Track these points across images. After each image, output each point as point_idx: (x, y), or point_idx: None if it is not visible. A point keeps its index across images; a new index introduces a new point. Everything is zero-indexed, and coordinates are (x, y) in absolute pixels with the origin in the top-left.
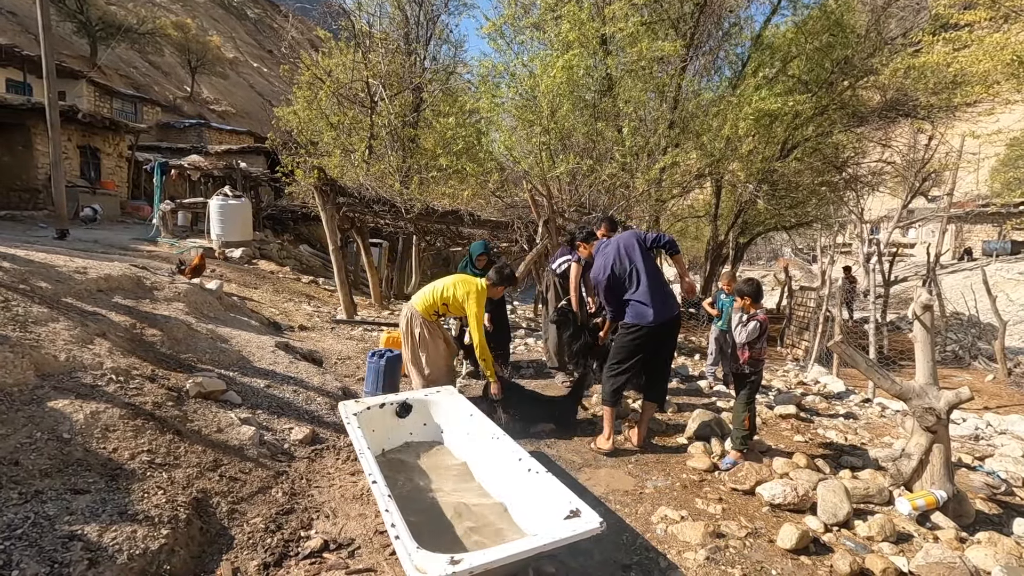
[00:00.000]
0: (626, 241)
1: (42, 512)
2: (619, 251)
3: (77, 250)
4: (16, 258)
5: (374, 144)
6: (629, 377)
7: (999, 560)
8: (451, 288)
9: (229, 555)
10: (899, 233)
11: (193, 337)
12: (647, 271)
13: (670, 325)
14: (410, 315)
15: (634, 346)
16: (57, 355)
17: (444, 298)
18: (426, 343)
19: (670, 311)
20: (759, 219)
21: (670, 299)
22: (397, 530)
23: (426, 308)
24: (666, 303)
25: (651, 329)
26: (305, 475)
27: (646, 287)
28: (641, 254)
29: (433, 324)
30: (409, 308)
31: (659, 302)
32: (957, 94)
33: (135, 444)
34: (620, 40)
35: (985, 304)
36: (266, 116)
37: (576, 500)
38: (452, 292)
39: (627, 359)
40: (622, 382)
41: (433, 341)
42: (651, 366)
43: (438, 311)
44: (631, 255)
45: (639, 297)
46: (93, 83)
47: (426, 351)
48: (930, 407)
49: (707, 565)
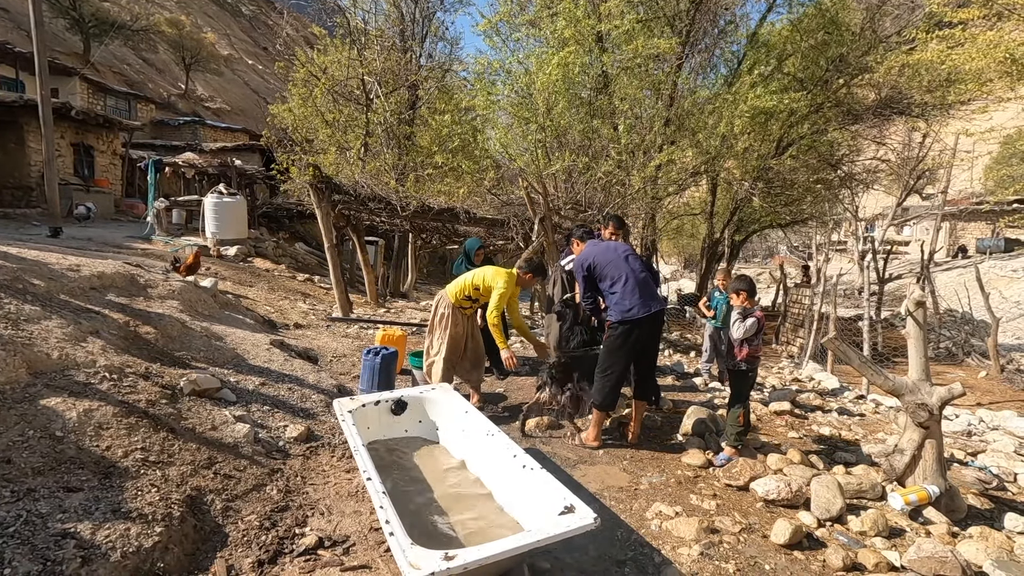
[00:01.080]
0: (619, 244)
1: (35, 510)
2: (608, 247)
3: (71, 248)
4: (8, 255)
5: (370, 141)
6: (620, 379)
7: (990, 554)
8: (483, 273)
9: (223, 553)
10: (893, 231)
11: (187, 335)
12: (632, 268)
13: (654, 321)
14: (440, 297)
15: (621, 344)
16: (50, 353)
17: (475, 283)
18: (444, 325)
19: (654, 307)
20: (755, 217)
21: (655, 297)
22: (392, 526)
23: (456, 293)
24: (650, 299)
25: (636, 325)
26: (300, 472)
27: (632, 284)
28: (631, 255)
29: (459, 313)
30: (441, 293)
31: (643, 298)
32: (951, 92)
33: (128, 442)
34: (616, 37)
35: (978, 301)
36: (261, 113)
37: (571, 496)
38: (483, 276)
39: (617, 360)
40: (612, 384)
41: (453, 327)
42: (639, 365)
43: (469, 295)
44: (619, 252)
45: (623, 294)
46: (87, 80)
47: (436, 332)
48: (923, 403)
49: (701, 560)
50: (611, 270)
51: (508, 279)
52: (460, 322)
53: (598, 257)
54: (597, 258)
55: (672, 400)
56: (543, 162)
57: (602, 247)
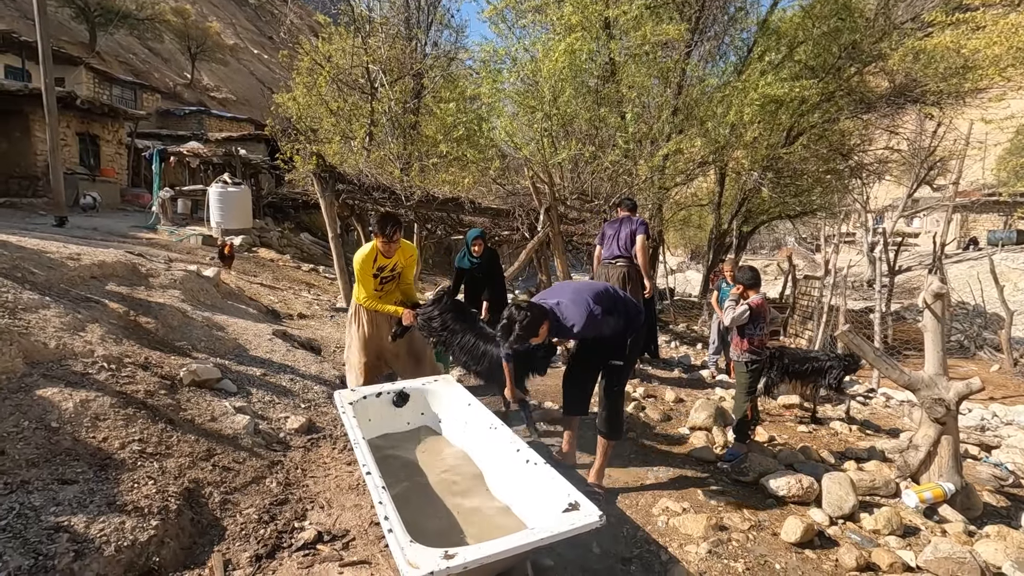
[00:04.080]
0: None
1: (28, 503)
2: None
3: (76, 237)
4: (7, 244)
5: (374, 131)
6: (574, 393)
7: (1009, 554)
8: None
9: (221, 546)
10: (903, 222)
11: (188, 325)
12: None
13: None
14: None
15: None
16: (47, 342)
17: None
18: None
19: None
20: (763, 207)
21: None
22: (391, 523)
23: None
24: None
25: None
26: (300, 465)
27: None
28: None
29: (362, 311)
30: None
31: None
32: (967, 79)
33: (126, 433)
34: (624, 24)
35: (991, 293)
36: (266, 103)
37: (575, 492)
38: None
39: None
40: (569, 395)
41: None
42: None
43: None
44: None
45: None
46: (92, 69)
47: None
48: (939, 398)
49: (709, 559)
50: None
51: (363, 252)
52: (372, 319)
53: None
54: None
55: (679, 395)
56: (549, 151)
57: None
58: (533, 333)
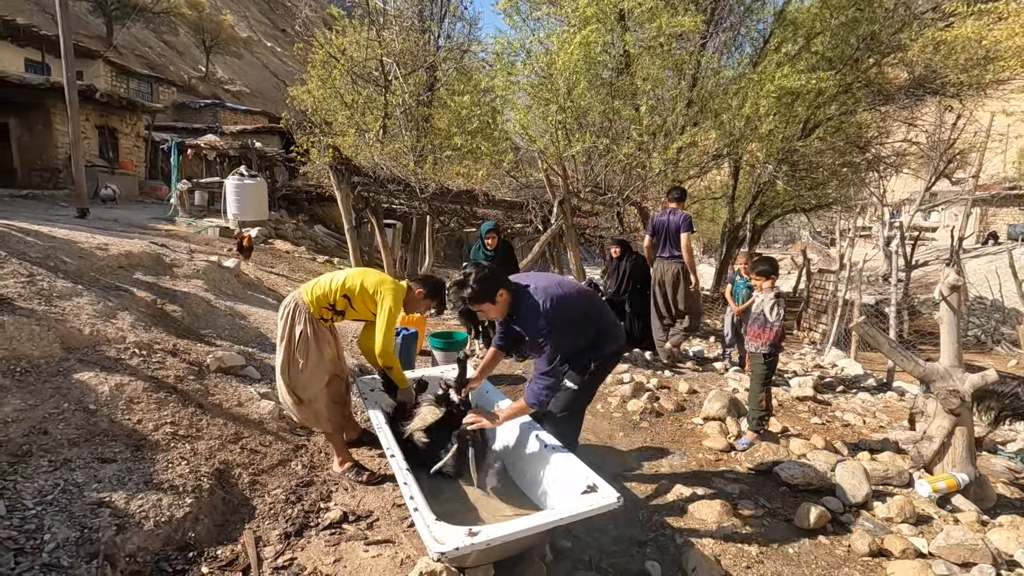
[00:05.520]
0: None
1: (71, 479)
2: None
3: (98, 229)
4: (40, 235)
5: (388, 123)
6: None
7: (1022, 543)
8: (357, 278)
9: (251, 524)
10: (920, 217)
11: (212, 313)
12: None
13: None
14: (292, 307)
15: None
16: (82, 328)
17: (347, 289)
18: (307, 347)
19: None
20: (777, 201)
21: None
22: (416, 502)
23: (318, 300)
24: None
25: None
26: (323, 449)
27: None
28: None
29: (320, 325)
30: (293, 299)
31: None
32: (989, 70)
33: (159, 416)
34: (638, 15)
35: (1009, 288)
36: (280, 96)
37: (593, 475)
38: (359, 282)
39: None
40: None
41: (317, 347)
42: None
43: (333, 304)
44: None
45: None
46: (110, 63)
47: (306, 357)
48: (954, 389)
49: (723, 542)
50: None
51: (395, 291)
52: (323, 333)
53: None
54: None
55: (692, 385)
56: (563, 144)
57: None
58: (487, 297)
